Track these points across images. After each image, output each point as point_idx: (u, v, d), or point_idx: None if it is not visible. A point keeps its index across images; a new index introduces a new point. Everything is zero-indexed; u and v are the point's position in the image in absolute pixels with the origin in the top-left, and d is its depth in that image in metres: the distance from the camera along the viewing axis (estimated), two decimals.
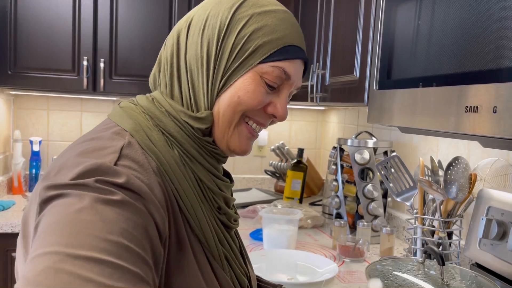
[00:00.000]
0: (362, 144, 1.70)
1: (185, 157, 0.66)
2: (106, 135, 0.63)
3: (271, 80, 0.69)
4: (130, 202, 0.54)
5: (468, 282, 0.96)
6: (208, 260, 0.67)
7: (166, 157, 0.64)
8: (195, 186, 0.67)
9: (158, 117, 0.67)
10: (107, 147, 0.60)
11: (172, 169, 0.64)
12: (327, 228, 1.90)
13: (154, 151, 0.63)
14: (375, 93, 1.15)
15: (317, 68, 1.77)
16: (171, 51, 0.71)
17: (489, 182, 1.26)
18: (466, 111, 0.77)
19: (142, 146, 0.63)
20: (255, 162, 2.70)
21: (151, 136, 0.65)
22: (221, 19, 0.68)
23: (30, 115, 2.37)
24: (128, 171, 0.57)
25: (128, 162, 0.59)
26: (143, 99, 0.70)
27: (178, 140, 0.66)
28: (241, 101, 0.68)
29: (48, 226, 0.50)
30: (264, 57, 0.68)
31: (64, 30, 2.00)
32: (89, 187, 0.53)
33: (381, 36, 1.14)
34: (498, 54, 0.73)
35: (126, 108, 0.69)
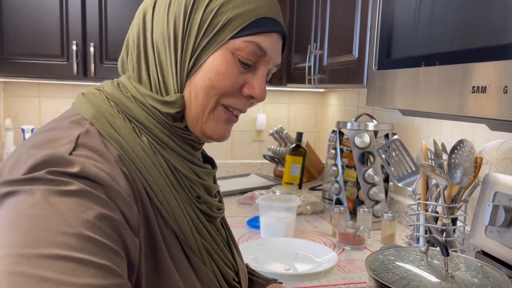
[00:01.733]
0: (362, 127, 1.64)
1: (155, 144, 0.61)
2: (64, 125, 0.58)
3: (245, 57, 0.63)
4: (88, 190, 0.49)
5: (473, 273, 0.91)
6: (186, 254, 0.62)
7: (131, 145, 0.59)
8: (167, 174, 0.61)
9: (124, 103, 0.62)
10: (63, 137, 0.55)
11: (139, 157, 0.59)
12: (327, 213, 1.85)
13: (116, 139, 0.58)
14: (374, 73, 1.08)
15: (314, 48, 1.70)
16: (137, 31, 0.65)
17: (496, 166, 1.20)
18: (473, 92, 0.70)
19: (102, 134, 0.58)
20: (253, 146, 2.65)
21: (114, 124, 0.60)
22: None
23: (21, 103, 2.31)
24: (84, 160, 0.52)
25: (85, 151, 0.54)
26: (109, 85, 0.65)
27: (146, 127, 0.61)
28: (213, 84, 0.63)
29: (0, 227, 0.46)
30: (236, 32, 0.62)
31: (52, 14, 1.92)
32: (40, 180, 0.49)
33: (380, 12, 1.06)
34: (507, 28, 0.66)
35: (89, 95, 0.64)
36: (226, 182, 2.34)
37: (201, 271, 0.63)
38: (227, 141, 2.60)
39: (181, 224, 0.61)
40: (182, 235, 0.62)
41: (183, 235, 0.62)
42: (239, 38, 0.63)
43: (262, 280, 0.88)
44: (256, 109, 2.62)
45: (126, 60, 0.67)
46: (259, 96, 0.66)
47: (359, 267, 1.28)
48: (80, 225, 0.46)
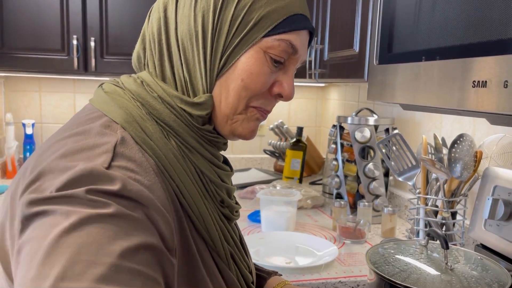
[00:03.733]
0: (363, 122, 1.65)
1: (184, 148, 0.59)
2: (94, 128, 0.55)
3: (277, 55, 0.61)
4: (126, 214, 0.46)
5: (473, 265, 0.92)
6: (214, 260, 0.61)
7: (164, 151, 0.56)
8: (196, 180, 0.60)
9: (151, 104, 0.59)
10: (98, 144, 0.52)
11: (171, 164, 0.56)
12: (327, 208, 1.86)
13: (150, 145, 0.56)
14: (375, 68, 1.09)
15: (315, 43, 1.70)
16: (158, 26, 0.61)
17: (496, 160, 1.21)
18: (473, 86, 0.70)
19: (136, 141, 0.55)
20: (254, 141, 2.65)
21: (145, 129, 0.56)
22: None
23: (22, 98, 2.32)
24: (125, 173, 0.49)
25: (124, 162, 0.51)
26: (131, 82, 0.61)
27: (175, 130, 0.59)
28: (245, 85, 0.60)
29: (33, 253, 0.43)
30: (269, 30, 0.60)
31: (52, 8, 1.92)
32: (78, 199, 0.45)
33: (381, 6, 1.07)
34: (508, 22, 0.66)
35: (113, 94, 0.60)
36: None
37: (228, 277, 0.62)
38: None
39: (210, 231, 0.60)
40: (211, 242, 0.61)
41: (212, 241, 0.61)
42: (272, 36, 0.60)
43: (264, 274, 0.88)
44: None
45: (143, 55, 0.64)
46: (288, 95, 0.64)
47: (360, 261, 1.29)
48: (118, 255, 0.43)
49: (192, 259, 0.57)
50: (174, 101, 0.59)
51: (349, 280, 1.17)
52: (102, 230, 0.44)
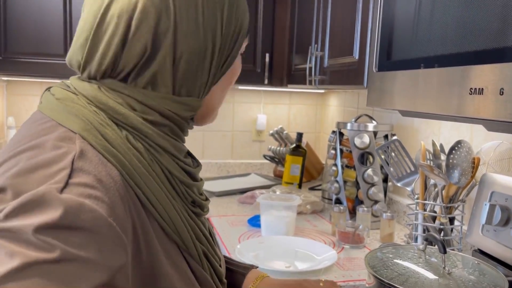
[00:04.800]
0: (362, 128, 1.66)
1: (152, 150, 0.58)
2: (49, 141, 0.51)
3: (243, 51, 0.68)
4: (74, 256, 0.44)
5: (470, 270, 0.93)
6: (187, 261, 0.61)
7: (127, 157, 0.54)
8: (164, 182, 0.58)
9: (115, 109, 0.56)
10: (54, 160, 0.49)
11: (136, 170, 0.54)
12: (326, 213, 1.87)
13: (113, 153, 0.53)
14: (375, 75, 1.10)
15: (315, 50, 1.72)
16: (145, 44, 0.57)
17: (493, 166, 1.22)
18: (470, 94, 0.72)
19: (98, 149, 0.52)
20: (253, 147, 2.67)
21: (105, 135, 0.54)
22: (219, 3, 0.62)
23: (24, 102, 2.33)
24: (83, 191, 0.47)
25: (84, 177, 0.48)
26: (86, 87, 0.58)
27: (143, 133, 0.57)
28: (232, 84, 0.68)
29: None
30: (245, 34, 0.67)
31: (55, 13, 1.94)
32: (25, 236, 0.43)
33: (381, 14, 1.09)
34: (504, 32, 0.68)
35: (66, 101, 0.56)
36: (226, 181, 2.36)
37: (201, 276, 0.63)
38: (228, 141, 2.62)
39: (182, 234, 0.60)
40: (183, 245, 0.60)
41: (184, 244, 0.60)
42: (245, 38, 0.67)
43: (241, 270, 0.87)
44: (256, 110, 2.65)
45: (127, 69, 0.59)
46: None
47: (358, 265, 1.30)
48: None
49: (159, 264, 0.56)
50: (158, 102, 0.59)
51: (348, 284, 1.18)
52: (44, 281, 0.42)
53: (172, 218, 0.58)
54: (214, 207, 1.90)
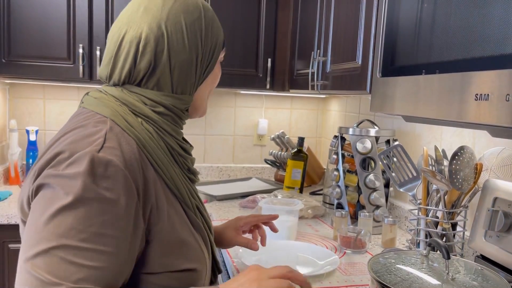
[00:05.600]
0: (364, 133, 1.67)
1: (159, 131, 0.83)
2: (91, 123, 0.77)
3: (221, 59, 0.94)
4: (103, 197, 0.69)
5: (473, 276, 0.93)
6: (185, 210, 0.84)
7: (141, 133, 0.79)
8: (167, 153, 0.83)
9: (133, 103, 0.82)
10: (94, 133, 0.74)
11: (146, 142, 0.79)
12: (328, 218, 1.87)
13: (131, 130, 0.78)
14: (378, 80, 1.11)
15: (318, 55, 1.73)
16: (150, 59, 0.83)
17: (495, 172, 1.23)
18: (476, 99, 0.73)
19: (122, 128, 0.77)
20: (255, 151, 2.67)
21: (127, 119, 0.79)
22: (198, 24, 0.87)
23: (26, 105, 2.34)
24: (111, 152, 0.72)
25: (112, 143, 0.73)
26: (113, 90, 0.84)
27: (153, 120, 0.82)
28: (214, 85, 0.95)
29: (38, 216, 0.69)
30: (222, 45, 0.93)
31: (59, 17, 1.95)
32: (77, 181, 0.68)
33: (385, 20, 1.09)
34: (509, 38, 0.69)
35: (100, 99, 0.82)
36: (228, 185, 2.36)
37: (195, 222, 0.86)
38: (229, 145, 2.62)
39: (180, 189, 0.83)
40: (181, 196, 0.84)
41: (181, 196, 0.84)
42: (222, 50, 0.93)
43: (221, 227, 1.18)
44: (258, 114, 2.65)
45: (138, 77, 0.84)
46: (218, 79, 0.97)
47: (361, 270, 1.30)
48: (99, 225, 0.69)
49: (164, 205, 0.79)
50: (161, 98, 0.84)
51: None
52: (87, 209, 0.68)
53: (172, 177, 0.82)
54: (216, 211, 1.90)
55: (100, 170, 0.69)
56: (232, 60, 2.17)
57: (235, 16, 2.15)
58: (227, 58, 2.16)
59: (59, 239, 0.65)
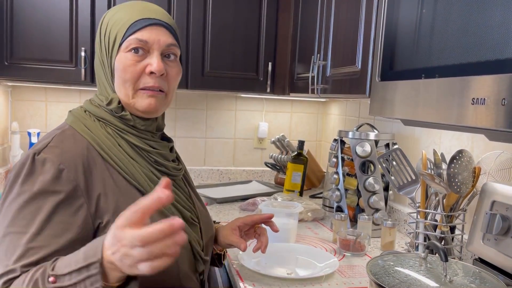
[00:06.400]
0: (363, 136, 1.68)
1: (117, 131, 0.93)
2: (53, 130, 0.93)
3: (132, 48, 0.92)
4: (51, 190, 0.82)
5: (471, 278, 0.94)
6: None
7: (97, 134, 0.91)
8: (126, 149, 0.92)
9: (94, 110, 0.95)
10: (47, 137, 0.89)
11: (101, 141, 0.90)
12: (327, 221, 1.88)
13: (86, 132, 0.90)
14: (377, 84, 1.12)
15: (318, 59, 1.74)
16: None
17: (494, 176, 1.24)
18: (472, 104, 0.74)
19: (78, 131, 0.90)
20: (255, 154, 2.68)
21: (85, 123, 0.92)
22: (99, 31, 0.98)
23: (28, 107, 2.35)
24: (52, 150, 0.84)
25: (54, 143, 0.86)
26: (87, 103, 0.98)
27: (110, 122, 0.94)
28: (122, 78, 0.93)
29: None
30: (121, 40, 0.93)
31: (61, 21, 1.97)
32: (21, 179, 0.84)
33: (384, 25, 1.11)
34: (506, 43, 0.70)
35: (73, 111, 0.97)
36: (228, 188, 2.37)
37: (159, 211, 0.89)
38: (229, 148, 2.64)
39: (138, 178, 0.91)
40: (142, 187, 0.91)
41: (142, 187, 0.91)
42: (124, 41, 0.93)
43: None
44: (258, 118, 2.66)
45: None
46: (156, 69, 0.92)
47: (360, 273, 1.31)
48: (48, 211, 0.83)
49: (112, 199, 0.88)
50: (99, 101, 0.96)
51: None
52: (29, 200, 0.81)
53: (130, 170, 0.91)
54: (216, 214, 1.91)
55: (39, 167, 0.82)
56: (232, 64, 2.18)
57: (236, 20, 2.17)
58: (227, 62, 2.18)
59: (6, 228, 0.80)
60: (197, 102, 2.56)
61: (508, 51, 0.69)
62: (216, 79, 2.17)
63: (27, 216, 0.80)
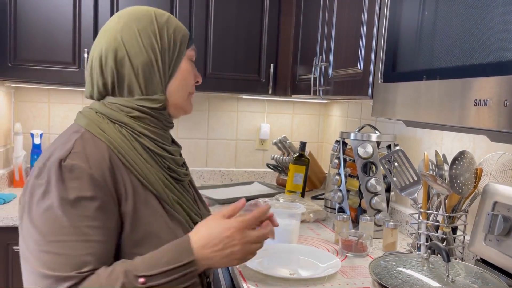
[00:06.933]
0: (365, 138, 1.69)
1: (134, 134, 0.92)
2: (68, 133, 0.91)
3: (192, 58, 1.01)
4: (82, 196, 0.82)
5: (473, 279, 0.95)
6: (162, 205, 0.92)
7: (114, 137, 0.89)
8: (142, 153, 0.92)
9: (109, 113, 0.93)
10: (67, 141, 0.87)
11: (119, 145, 0.89)
12: (329, 222, 1.89)
13: (103, 135, 0.89)
14: (380, 86, 1.13)
15: (320, 60, 1.75)
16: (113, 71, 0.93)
17: (495, 177, 1.24)
18: (475, 105, 0.74)
19: (95, 134, 0.89)
20: (257, 155, 2.69)
21: (101, 126, 0.90)
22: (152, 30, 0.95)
23: (31, 108, 2.36)
24: (76, 156, 0.83)
25: (77, 148, 0.85)
26: (97, 104, 0.95)
27: (126, 124, 0.92)
28: (186, 82, 0.99)
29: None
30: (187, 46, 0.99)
31: (65, 22, 1.98)
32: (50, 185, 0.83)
33: (387, 27, 1.11)
34: (508, 45, 0.71)
35: (84, 113, 0.95)
36: (230, 189, 2.38)
37: (173, 215, 0.93)
38: (231, 149, 2.64)
39: (154, 184, 0.91)
40: (156, 192, 0.91)
41: (157, 191, 0.91)
42: (187, 50, 0.99)
43: None
44: (260, 119, 2.67)
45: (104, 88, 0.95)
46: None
47: (362, 273, 1.31)
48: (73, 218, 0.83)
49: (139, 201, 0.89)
50: (133, 103, 0.93)
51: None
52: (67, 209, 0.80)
53: (146, 174, 0.90)
54: None
55: (67, 174, 0.81)
56: (235, 65, 2.19)
57: (238, 22, 2.18)
58: (230, 63, 2.18)
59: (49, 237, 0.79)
60: (199, 104, 2.57)
61: (510, 53, 0.70)
62: (218, 81, 2.17)
63: (68, 224, 0.79)
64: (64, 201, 0.80)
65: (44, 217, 0.80)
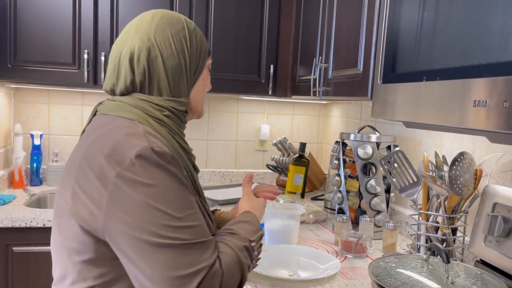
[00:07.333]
0: (365, 139, 1.68)
1: (171, 132, 0.94)
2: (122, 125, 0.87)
3: (209, 66, 1.06)
4: (175, 173, 0.85)
5: (473, 280, 0.94)
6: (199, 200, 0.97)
7: (162, 132, 0.91)
8: (178, 150, 0.94)
9: (147, 109, 0.92)
10: (134, 132, 0.85)
11: (167, 139, 0.91)
12: (329, 223, 1.88)
13: (159, 129, 0.90)
14: (379, 87, 1.13)
15: (320, 61, 1.75)
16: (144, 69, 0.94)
17: (495, 178, 1.24)
18: (474, 106, 0.74)
19: (154, 128, 0.90)
20: (257, 156, 2.69)
21: (148, 121, 0.91)
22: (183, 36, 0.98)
23: (31, 109, 2.36)
24: (158, 144, 0.84)
25: (152, 139, 0.85)
26: (128, 99, 0.94)
27: (164, 122, 0.93)
28: (206, 87, 1.05)
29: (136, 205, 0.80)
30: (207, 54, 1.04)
31: (64, 23, 1.98)
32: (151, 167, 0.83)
33: (386, 28, 1.11)
34: (507, 46, 0.71)
35: (119, 105, 0.93)
36: (230, 190, 2.38)
37: (207, 208, 1.01)
38: (231, 150, 2.64)
39: (195, 180, 0.97)
40: (196, 187, 0.97)
41: (196, 186, 0.97)
42: (207, 58, 1.04)
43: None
44: (260, 120, 2.67)
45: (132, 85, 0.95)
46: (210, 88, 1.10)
47: (361, 274, 1.31)
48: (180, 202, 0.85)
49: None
50: (165, 103, 0.94)
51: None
52: (170, 183, 0.83)
53: (189, 168, 0.94)
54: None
55: (165, 158, 0.82)
56: (235, 66, 2.19)
57: (238, 23, 2.18)
58: (230, 64, 2.19)
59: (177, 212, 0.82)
60: None
61: (509, 54, 0.70)
62: (218, 82, 2.17)
63: (185, 198, 0.84)
64: (175, 180, 0.83)
65: (166, 199, 0.81)
